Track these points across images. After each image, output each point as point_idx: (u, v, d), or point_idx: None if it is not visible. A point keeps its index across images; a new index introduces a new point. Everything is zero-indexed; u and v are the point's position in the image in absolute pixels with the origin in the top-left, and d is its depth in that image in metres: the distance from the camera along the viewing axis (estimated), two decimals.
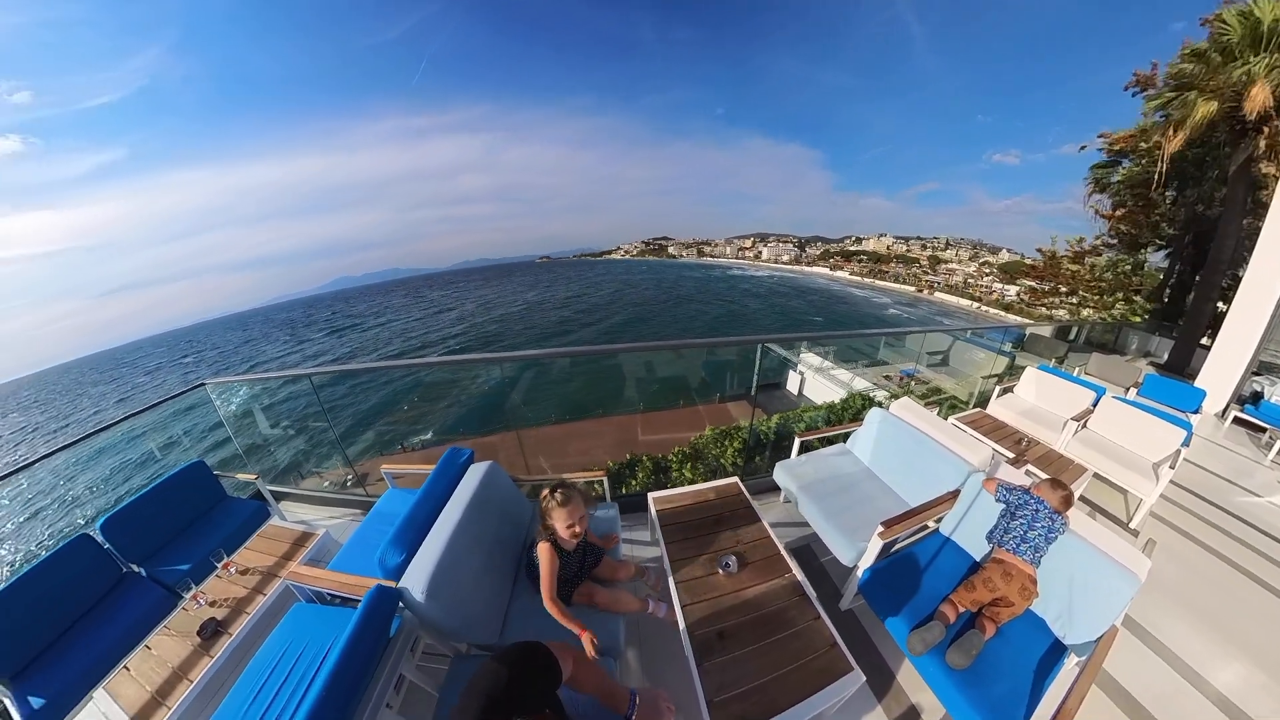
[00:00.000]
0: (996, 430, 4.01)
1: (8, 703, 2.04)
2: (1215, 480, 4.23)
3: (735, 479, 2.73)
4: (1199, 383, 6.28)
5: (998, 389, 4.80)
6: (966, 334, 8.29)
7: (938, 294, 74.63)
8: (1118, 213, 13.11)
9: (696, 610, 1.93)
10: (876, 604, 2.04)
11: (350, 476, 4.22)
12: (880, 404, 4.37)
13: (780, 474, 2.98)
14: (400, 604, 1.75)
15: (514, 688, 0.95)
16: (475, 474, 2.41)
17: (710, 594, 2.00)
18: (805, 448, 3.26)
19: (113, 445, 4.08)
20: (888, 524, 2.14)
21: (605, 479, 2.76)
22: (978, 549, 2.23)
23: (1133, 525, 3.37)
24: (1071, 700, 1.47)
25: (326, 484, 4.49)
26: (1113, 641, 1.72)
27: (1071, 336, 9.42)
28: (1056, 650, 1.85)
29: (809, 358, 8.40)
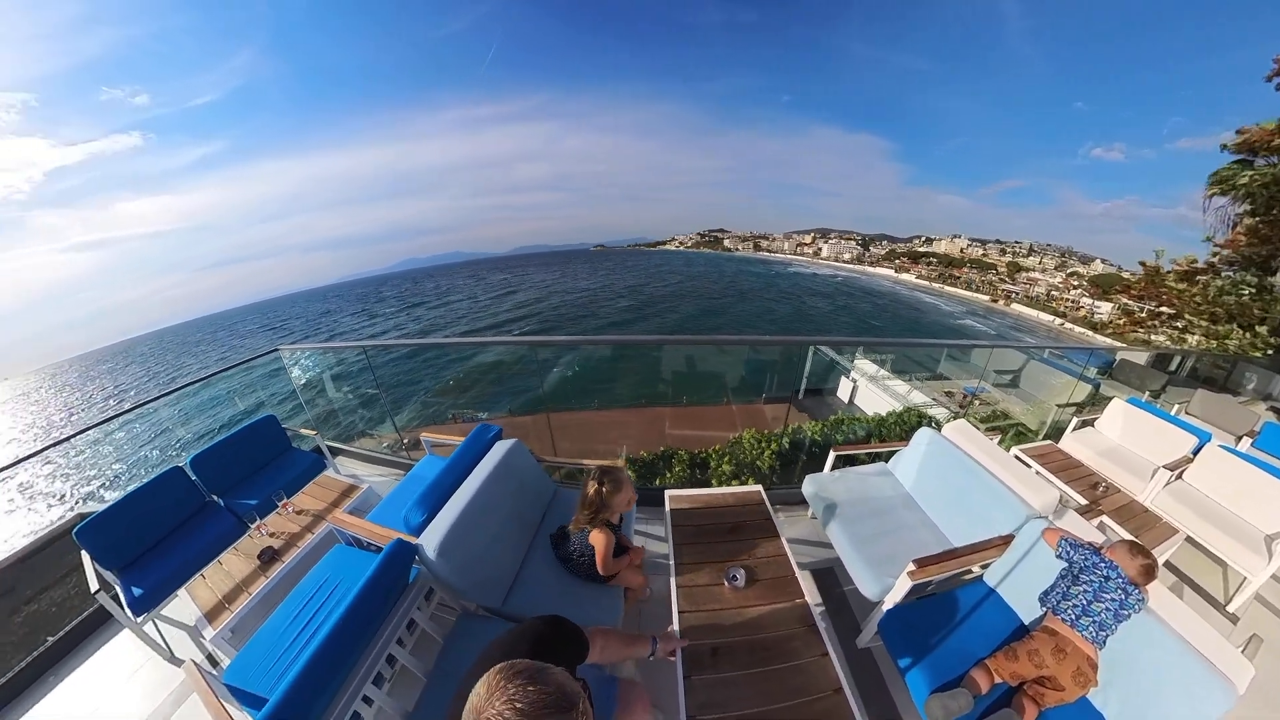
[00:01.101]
0: (1068, 469, 3.46)
1: (118, 588, 2.48)
2: None
3: (759, 488, 2.53)
4: None
5: (1075, 420, 4.15)
6: (1044, 353, 7.33)
7: (1015, 305, 67.23)
8: (1243, 223, 10.82)
9: (693, 619, 1.79)
10: (896, 650, 1.79)
11: (402, 440, 4.44)
12: (932, 423, 3.94)
13: (809, 487, 2.74)
14: (416, 558, 1.89)
15: (554, 645, 1.02)
16: (499, 450, 2.52)
17: (711, 605, 1.85)
18: (845, 462, 2.99)
19: (214, 398, 4.71)
20: (921, 563, 1.88)
21: (626, 467, 2.71)
22: (1027, 610, 1.89)
23: (1231, 608, 2.74)
24: None
25: (385, 445, 4.78)
26: None
27: (1172, 367, 8.07)
28: None
29: (863, 364, 7.80)
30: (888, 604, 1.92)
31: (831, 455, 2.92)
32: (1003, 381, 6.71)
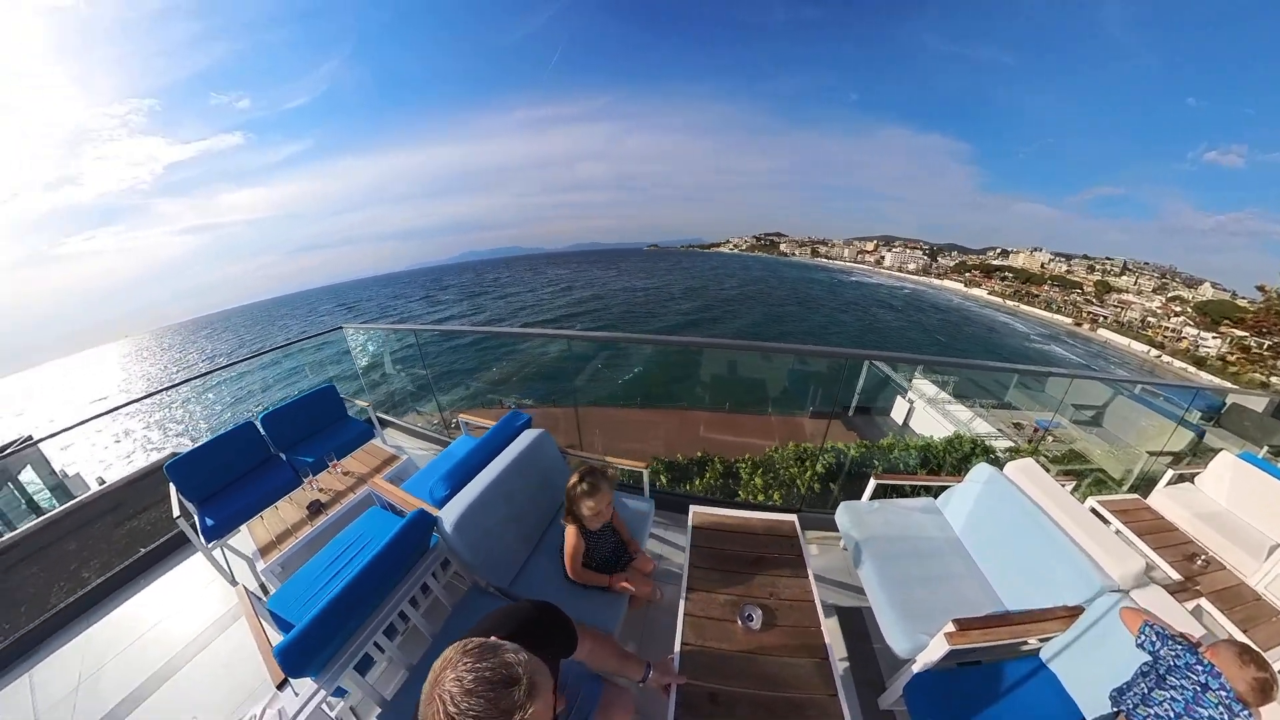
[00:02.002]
0: (1157, 532, 2.91)
1: (195, 518, 2.81)
2: None
3: (793, 518, 2.29)
4: None
5: (1170, 473, 3.49)
6: (1136, 389, 6.34)
7: (1102, 330, 59.43)
8: None
9: (696, 655, 1.61)
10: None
11: (445, 420, 4.61)
12: (994, 456, 3.49)
13: (843, 516, 2.47)
14: (436, 529, 1.98)
15: (540, 630, 1.03)
16: (525, 439, 2.53)
17: (719, 643, 1.66)
18: (887, 492, 2.69)
19: (293, 369, 5.21)
20: (963, 625, 1.60)
21: (646, 472, 2.59)
22: (1092, 704, 1.55)
23: None
24: None
25: (435, 422, 4.99)
26: None
27: None
28: None
29: (922, 385, 7.13)
30: (918, 665, 1.66)
31: (872, 483, 2.63)
32: (1083, 418, 5.84)
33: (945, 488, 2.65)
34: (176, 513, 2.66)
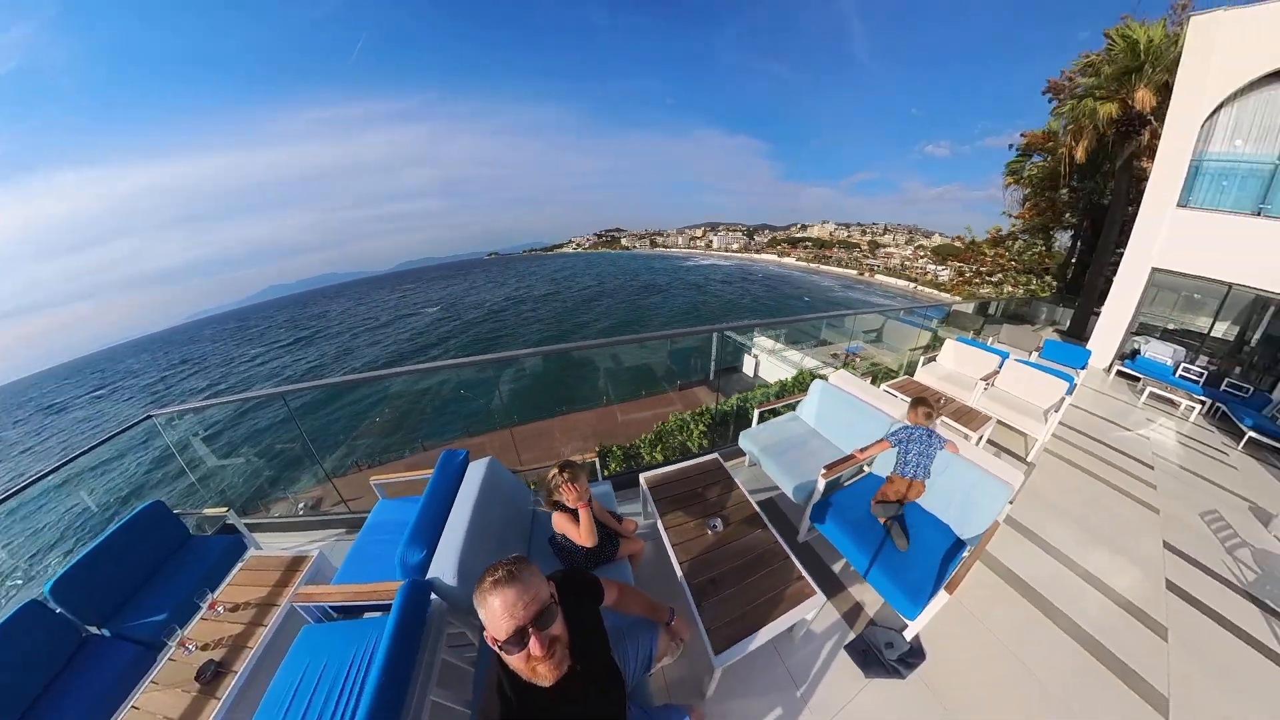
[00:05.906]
0: (920, 392, 4.74)
1: None
2: (1098, 421, 5.27)
3: (715, 455, 3.15)
4: (1090, 344, 7.45)
5: (923, 358, 5.61)
6: (900, 314, 9.23)
7: (878, 276, 79.35)
8: (1028, 203, 14.98)
9: (692, 564, 2.31)
10: (826, 529, 2.61)
11: (313, 500, 4.19)
12: (823, 377, 4.98)
13: (745, 441, 3.52)
14: (431, 595, 1.90)
15: (569, 587, 1.34)
16: (477, 470, 2.57)
17: (702, 550, 2.39)
18: (763, 418, 3.76)
19: (35, 500, 3.39)
20: (829, 467, 2.72)
21: (596, 460, 3.17)
22: None
23: (1029, 459, 4.22)
24: (958, 573, 2.06)
25: (301, 506, 4.48)
26: (994, 532, 2.34)
27: (990, 311, 10.69)
28: (958, 546, 2.48)
29: (762, 341, 9.10)
30: (812, 503, 2.72)
31: (756, 413, 3.69)
32: (871, 339, 8.40)
33: (799, 402, 3.86)
34: None
